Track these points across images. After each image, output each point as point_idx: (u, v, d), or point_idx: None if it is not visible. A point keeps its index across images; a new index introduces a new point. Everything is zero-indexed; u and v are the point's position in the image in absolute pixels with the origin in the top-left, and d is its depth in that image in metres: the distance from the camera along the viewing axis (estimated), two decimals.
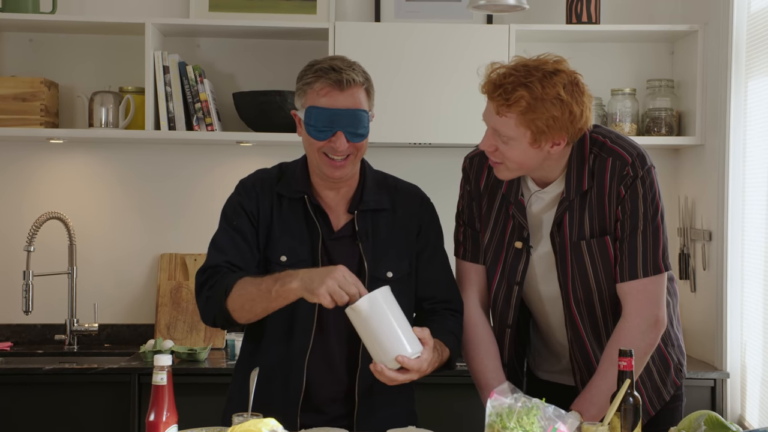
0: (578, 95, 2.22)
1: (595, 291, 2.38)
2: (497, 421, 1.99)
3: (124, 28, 3.92)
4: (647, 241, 2.33)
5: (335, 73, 2.35)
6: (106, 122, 3.87)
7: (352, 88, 2.36)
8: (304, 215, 2.44)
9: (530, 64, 2.23)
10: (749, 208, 3.49)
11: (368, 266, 2.41)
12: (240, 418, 2.13)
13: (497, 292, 2.48)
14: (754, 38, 3.45)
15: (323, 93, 2.34)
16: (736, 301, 3.57)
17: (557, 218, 2.37)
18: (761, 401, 3.33)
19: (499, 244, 2.45)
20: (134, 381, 3.49)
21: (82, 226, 4.06)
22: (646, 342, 2.34)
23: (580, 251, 2.36)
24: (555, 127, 2.20)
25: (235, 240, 2.44)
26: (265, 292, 2.27)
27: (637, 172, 2.31)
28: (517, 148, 2.24)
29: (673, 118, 3.96)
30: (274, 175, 2.51)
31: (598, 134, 2.38)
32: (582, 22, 3.92)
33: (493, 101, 2.24)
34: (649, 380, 2.49)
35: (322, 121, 2.34)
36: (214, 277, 2.40)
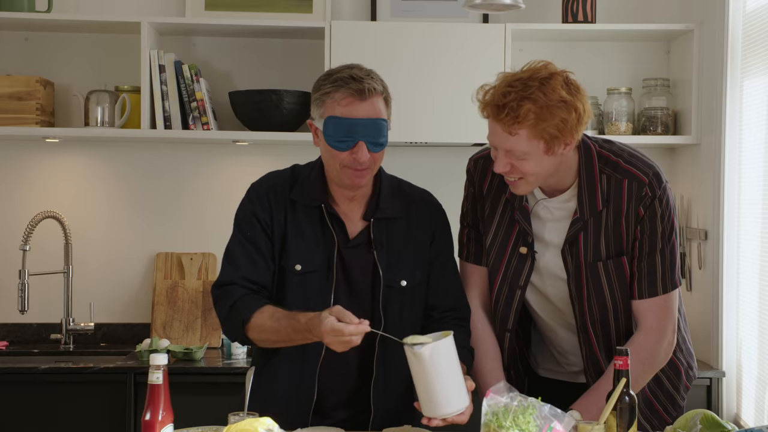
0: (576, 92, 2.23)
1: (611, 309, 2.40)
2: (493, 420, 1.99)
3: (119, 27, 3.92)
4: (665, 259, 2.36)
5: (355, 82, 2.31)
6: (102, 121, 3.86)
7: (372, 97, 2.32)
8: (320, 223, 2.42)
9: (523, 76, 2.23)
10: (745, 207, 3.49)
11: (383, 275, 2.41)
12: (236, 417, 2.13)
13: (498, 296, 2.48)
14: (750, 37, 3.45)
15: (344, 103, 2.31)
16: (732, 301, 3.57)
17: (570, 237, 2.37)
18: (757, 400, 3.33)
19: (502, 248, 2.46)
20: (130, 380, 3.49)
21: (78, 226, 4.05)
22: (665, 355, 2.40)
23: (596, 272, 2.37)
24: (566, 129, 2.20)
25: (249, 252, 2.41)
26: (285, 337, 2.29)
27: (655, 192, 2.33)
28: (534, 160, 2.24)
29: (669, 117, 3.97)
30: (287, 181, 2.47)
31: (610, 153, 2.38)
32: (578, 21, 3.92)
33: (501, 122, 2.21)
34: (660, 389, 2.52)
35: (343, 131, 2.31)
36: (229, 296, 2.38)
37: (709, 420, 2.19)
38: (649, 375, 2.41)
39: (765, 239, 3.28)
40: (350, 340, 2.13)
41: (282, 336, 2.29)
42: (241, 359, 3.67)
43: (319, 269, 2.40)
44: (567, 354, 2.55)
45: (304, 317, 2.23)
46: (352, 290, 2.43)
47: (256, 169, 4.10)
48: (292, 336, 2.27)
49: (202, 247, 4.12)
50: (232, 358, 3.68)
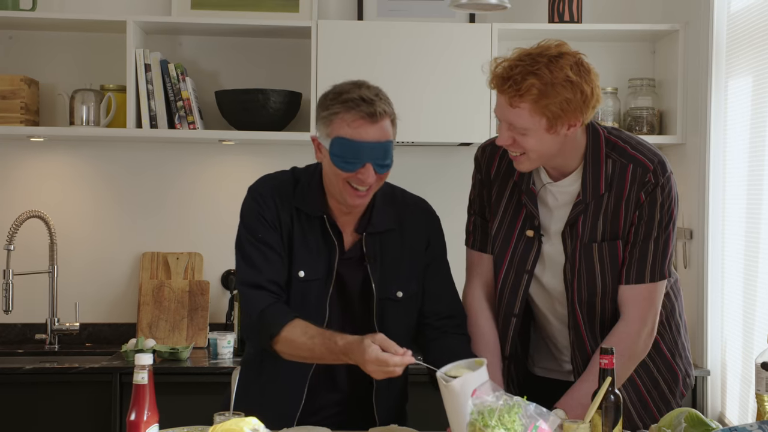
0: (585, 74, 2.22)
1: (600, 293, 2.40)
2: (479, 420, 1.99)
3: (105, 26, 3.90)
4: (658, 248, 2.36)
5: (366, 104, 2.29)
6: (87, 120, 3.85)
7: (382, 120, 2.30)
8: (321, 232, 2.41)
9: (533, 52, 2.23)
10: (729, 206, 3.51)
11: (376, 289, 2.42)
12: (222, 417, 2.12)
13: (505, 281, 2.48)
14: (735, 38, 3.47)
15: (354, 125, 2.28)
16: (717, 300, 3.59)
17: (570, 219, 2.38)
18: (741, 399, 3.35)
19: (509, 232, 2.46)
20: (116, 380, 3.48)
21: (63, 225, 4.04)
22: (644, 346, 2.40)
23: (590, 253, 2.38)
24: (569, 109, 2.20)
25: (266, 253, 2.39)
26: (318, 356, 2.29)
27: (658, 180, 2.33)
28: (535, 136, 2.24)
29: (655, 117, 3.98)
30: (289, 185, 2.45)
31: (618, 138, 2.38)
32: (564, 21, 3.93)
33: (505, 94, 2.22)
34: (656, 389, 2.53)
35: (351, 153, 2.29)
36: (258, 302, 2.36)
37: (693, 418, 2.20)
38: (630, 366, 2.40)
39: (749, 238, 3.30)
40: (394, 371, 2.15)
41: (315, 354, 2.28)
42: (227, 359, 3.66)
43: (319, 278, 2.40)
44: (562, 348, 2.55)
45: (342, 340, 2.23)
46: (347, 301, 2.44)
47: (242, 168, 4.12)
48: (325, 356, 2.27)
49: (188, 247, 4.11)
50: (218, 358, 3.68)
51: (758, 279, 3.21)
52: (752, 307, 3.25)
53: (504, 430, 1.97)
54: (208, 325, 3.98)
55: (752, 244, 3.27)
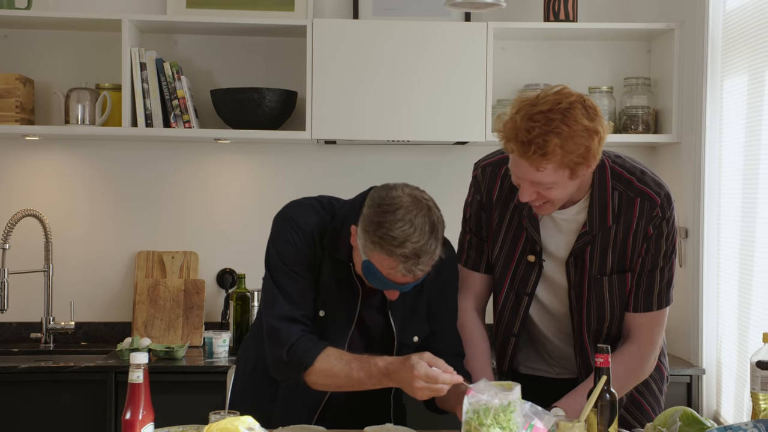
0: (595, 115, 2.22)
1: (608, 319, 2.45)
2: (474, 418, 1.99)
3: (100, 25, 3.90)
4: (664, 277, 2.41)
5: (413, 263, 2.18)
6: (82, 119, 3.84)
7: (423, 273, 2.23)
8: (346, 276, 2.38)
9: (543, 108, 2.19)
10: (725, 205, 3.51)
11: (397, 335, 2.41)
12: (217, 416, 2.12)
13: (505, 302, 2.51)
14: (730, 37, 3.47)
15: (393, 276, 2.21)
16: (712, 298, 3.59)
17: (576, 249, 2.39)
18: (736, 397, 3.35)
19: (509, 256, 2.47)
20: (111, 379, 3.48)
21: (59, 224, 4.03)
22: (650, 367, 2.46)
23: (600, 286, 2.40)
24: (589, 155, 2.21)
25: (303, 287, 2.35)
26: (356, 381, 2.26)
27: (665, 213, 2.37)
28: (559, 187, 2.26)
29: (650, 116, 3.98)
30: (326, 223, 2.38)
31: (623, 169, 2.39)
32: (559, 20, 3.93)
33: (529, 159, 2.19)
34: (649, 391, 2.56)
35: (381, 283, 2.25)
36: (287, 336, 2.32)
37: (688, 417, 2.21)
38: (633, 384, 2.46)
39: (744, 237, 3.30)
40: (441, 389, 2.14)
41: (353, 380, 2.26)
42: (222, 358, 3.66)
43: (339, 319, 2.39)
44: (559, 359, 2.57)
45: (382, 361, 2.23)
46: (365, 344, 2.43)
47: (238, 167, 4.12)
48: (364, 380, 2.25)
49: (183, 246, 4.10)
50: (213, 357, 3.68)
51: (753, 278, 3.21)
52: (747, 305, 3.26)
53: (499, 428, 1.97)
54: (203, 324, 3.97)
55: (747, 243, 3.27)
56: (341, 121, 3.79)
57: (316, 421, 2.44)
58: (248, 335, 2.66)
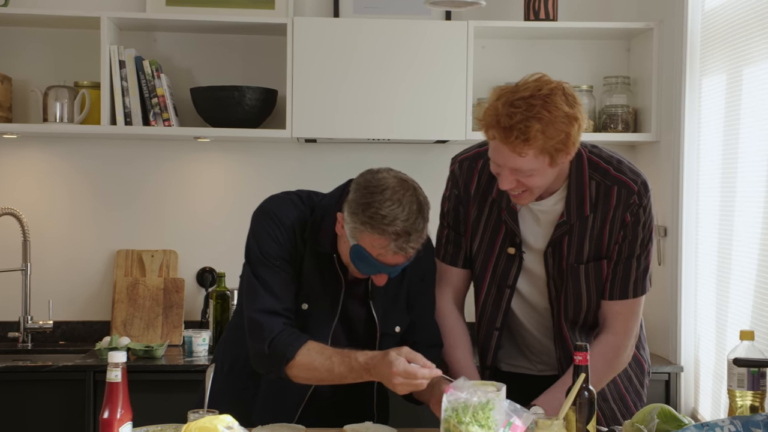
0: (574, 102, 2.24)
1: (585, 309, 2.45)
2: (453, 416, 1.99)
3: (79, 22, 3.88)
4: (641, 265, 2.42)
5: (403, 241, 2.21)
6: (60, 117, 3.82)
7: (413, 251, 2.25)
8: (329, 268, 2.39)
9: (524, 95, 2.21)
10: (703, 204, 3.53)
11: (379, 325, 2.42)
12: (196, 414, 2.12)
13: (487, 295, 2.51)
14: (708, 36, 3.49)
15: (383, 254, 2.23)
16: (690, 297, 3.61)
17: (554, 239, 2.40)
18: (713, 395, 3.37)
19: (489, 249, 2.48)
20: (89, 378, 3.47)
21: (37, 222, 4.01)
22: (627, 357, 2.46)
23: (577, 274, 2.41)
24: (569, 141, 2.22)
25: (284, 280, 2.36)
26: (337, 376, 2.27)
27: (642, 200, 2.38)
28: (539, 174, 2.26)
29: (629, 115, 4.00)
30: (306, 216, 2.39)
31: (599, 158, 2.40)
32: (539, 19, 3.95)
33: (510, 144, 2.20)
34: (630, 385, 2.58)
35: (370, 267, 2.27)
36: (269, 330, 2.31)
37: (666, 414, 2.22)
38: (611, 375, 2.46)
39: (722, 236, 3.32)
40: (421, 384, 2.15)
41: (334, 374, 2.27)
42: (202, 357, 3.66)
43: (323, 312, 2.40)
44: (540, 354, 2.58)
45: (362, 356, 2.23)
46: (348, 335, 2.44)
47: (217, 165, 4.11)
48: (345, 375, 2.26)
49: (163, 245, 4.09)
50: (193, 356, 3.67)
51: (731, 276, 3.23)
52: (725, 303, 3.28)
53: (478, 426, 1.97)
54: (183, 322, 3.97)
55: (725, 242, 3.29)
56: (321, 119, 3.79)
57: (300, 415, 2.44)
58: (224, 337, 2.66)
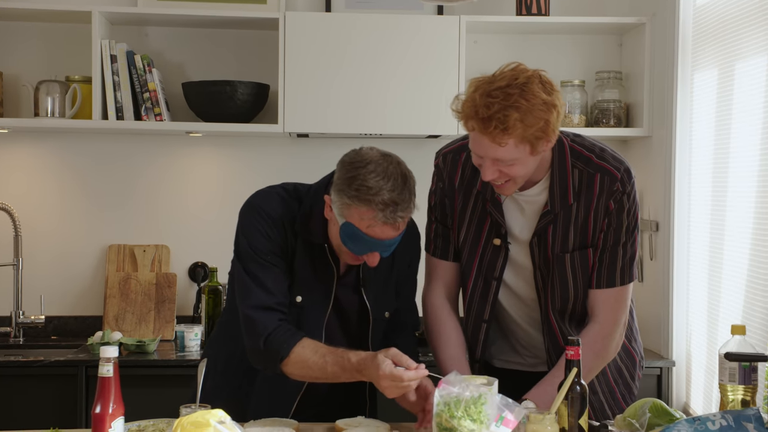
0: (552, 90, 2.25)
1: (572, 299, 2.45)
2: (445, 410, 2.00)
3: (70, 17, 3.87)
4: (626, 252, 2.42)
5: (391, 211, 2.23)
6: (52, 112, 3.82)
7: (404, 221, 2.28)
8: (321, 258, 2.41)
9: (501, 84, 2.21)
10: (695, 199, 3.54)
11: (372, 311, 2.45)
12: (188, 409, 2.12)
13: (474, 288, 2.52)
14: (700, 31, 3.49)
15: (373, 228, 2.25)
16: (682, 291, 3.62)
17: (539, 229, 2.41)
18: (705, 389, 3.38)
19: (476, 241, 2.48)
20: (81, 373, 3.47)
21: (28, 217, 4.01)
22: (616, 347, 2.46)
23: (563, 263, 2.42)
24: (548, 129, 2.23)
25: (276, 275, 2.37)
26: (330, 375, 2.29)
27: (625, 187, 2.38)
28: (521, 163, 2.27)
29: (622, 110, 4.01)
30: (294, 209, 2.42)
31: (582, 147, 2.41)
32: (532, 14, 3.95)
33: (490, 134, 2.20)
34: (621, 378, 2.58)
35: (361, 244, 2.28)
36: (263, 326, 2.33)
37: (657, 408, 2.23)
38: (600, 366, 2.46)
39: (714, 231, 3.33)
40: (408, 386, 2.17)
41: (327, 373, 2.29)
42: (194, 352, 3.66)
43: (317, 303, 2.41)
44: (530, 347, 2.58)
45: (355, 356, 2.25)
46: (342, 323, 2.47)
47: (209, 160, 4.11)
48: (338, 374, 2.28)
49: (155, 239, 4.09)
50: (185, 351, 3.67)
51: (723, 270, 3.24)
52: (717, 298, 3.29)
53: (470, 420, 1.98)
54: (175, 317, 3.97)
55: (717, 237, 3.30)
56: (313, 114, 3.79)
57: (296, 410, 2.45)
58: (214, 333, 2.67)
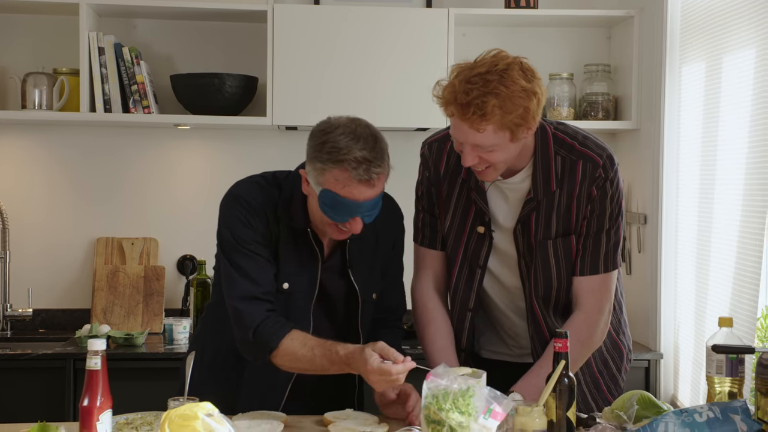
0: (533, 77, 2.25)
1: (555, 286, 2.46)
2: (433, 403, 2.01)
3: (57, 8, 3.87)
4: (610, 239, 2.43)
5: (362, 169, 2.24)
6: (39, 104, 3.82)
7: (379, 180, 2.28)
8: (304, 243, 2.42)
9: (481, 71, 2.22)
10: (683, 192, 3.56)
11: (360, 293, 2.46)
12: (176, 402, 2.13)
13: (459, 276, 2.52)
14: (688, 24, 3.51)
15: (348, 189, 2.26)
16: (670, 284, 3.65)
17: (522, 216, 2.42)
18: (693, 381, 3.40)
19: (460, 228, 2.50)
20: (69, 366, 3.47)
21: (16, 210, 4.01)
22: (601, 335, 2.46)
23: (545, 250, 2.42)
24: (528, 116, 2.23)
25: (261, 264, 2.37)
26: (319, 367, 2.30)
27: (607, 174, 2.39)
28: (500, 150, 2.27)
29: (610, 103, 4.02)
30: (274, 196, 2.43)
31: (564, 134, 2.42)
32: (520, 7, 3.97)
33: (468, 120, 2.22)
34: (606, 369, 2.59)
35: (341, 209, 2.28)
36: (251, 317, 2.34)
37: (645, 400, 2.24)
38: (586, 355, 2.47)
39: (702, 223, 3.35)
40: (397, 379, 2.17)
41: (316, 366, 2.30)
42: (182, 345, 3.67)
43: (303, 290, 2.42)
44: (517, 338, 2.59)
45: (343, 349, 2.26)
46: (330, 307, 2.48)
47: (198, 153, 4.10)
48: (327, 367, 2.29)
49: (143, 232, 4.09)
50: (173, 344, 3.68)
51: (710, 263, 3.26)
52: (704, 291, 3.31)
53: (458, 413, 1.99)
54: (163, 310, 3.98)
55: (705, 229, 3.32)
56: (302, 107, 3.79)
57: (286, 402, 2.46)
58: (199, 328, 2.68)
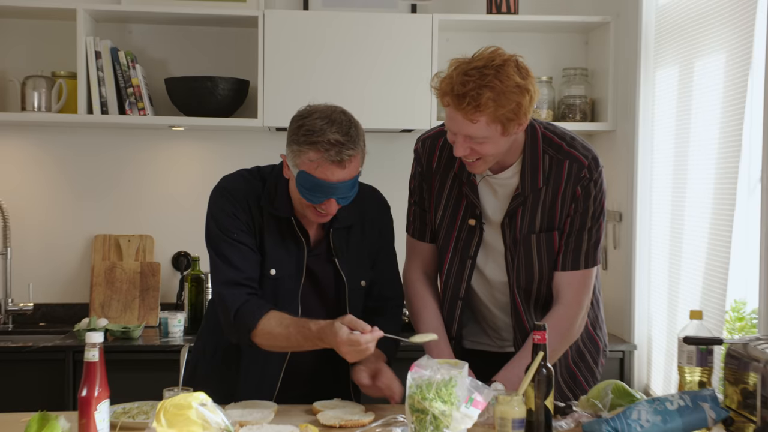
0: (527, 75, 2.33)
1: (536, 279, 2.54)
2: (417, 393, 2.05)
3: (55, 14, 3.91)
4: (591, 237, 2.51)
5: (335, 150, 2.31)
6: (38, 106, 3.86)
7: (351, 161, 2.35)
8: (289, 231, 2.50)
9: (478, 64, 2.30)
10: (656, 190, 3.64)
11: (347, 280, 2.53)
12: (171, 392, 2.19)
13: (450, 267, 2.59)
14: (662, 30, 3.59)
15: (321, 169, 2.33)
16: (644, 278, 3.73)
17: (510, 211, 2.50)
18: (665, 371, 3.49)
19: (452, 221, 2.57)
20: (69, 358, 3.53)
21: (16, 208, 4.06)
22: (579, 328, 2.55)
23: (529, 244, 2.51)
24: (520, 111, 2.30)
25: (243, 252, 2.45)
26: (295, 343, 2.37)
27: (592, 174, 2.47)
28: (492, 142, 2.35)
29: (587, 105, 4.11)
30: (258, 188, 2.51)
31: (553, 134, 2.50)
32: (501, 13, 4.03)
33: (463, 111, 2.29)
34: (582, 362, 2.67)
35: (317, 191, 2.35)
36: (232, 302, 2.42)
37: (619, 390, 2.32)
38: (565, 346, 2.55)
39: (674, 221, 3.43)
40: (367, 348, 2.25)
41: (292, 343, 2.37)
42: (177, 338, 3.73)
43: (291, 276, 2.49)
44: (498, 330, 2.67)
45: (315, 325, 2.33)
46: (318, 294, 2.55)
47: (191, 153, 4.18)
48: (302, 343, 2.36)
49: (139, 230, 4.17)
50: (168, 337, 3.74)
51: (682, 259, 3.34)
52: (676, 285, 3.39)
53: (441, 402, 2.04)
54: (159, 304, 4.03)
55: (677, 226, 3.40)
56: (292, 109, 3.71)
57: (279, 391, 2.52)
58: (203, 325, 2.76)
